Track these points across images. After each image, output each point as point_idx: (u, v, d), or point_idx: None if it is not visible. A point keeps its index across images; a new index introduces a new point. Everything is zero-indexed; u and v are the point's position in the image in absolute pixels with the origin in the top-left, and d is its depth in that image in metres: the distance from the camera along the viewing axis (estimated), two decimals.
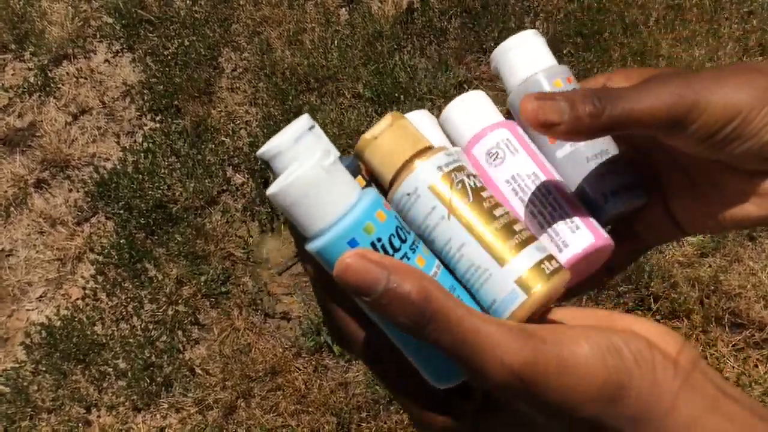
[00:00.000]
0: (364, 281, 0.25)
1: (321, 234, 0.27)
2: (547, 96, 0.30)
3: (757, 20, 1.86)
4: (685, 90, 0.30)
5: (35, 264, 1.75)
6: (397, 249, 0.28)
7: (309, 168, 0.27)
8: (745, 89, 0.30)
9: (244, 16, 1.99)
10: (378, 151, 0.31)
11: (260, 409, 1.55)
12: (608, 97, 0.30)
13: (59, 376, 1.61)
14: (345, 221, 0.27)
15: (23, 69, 2.00)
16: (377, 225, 0.27)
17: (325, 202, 0.27)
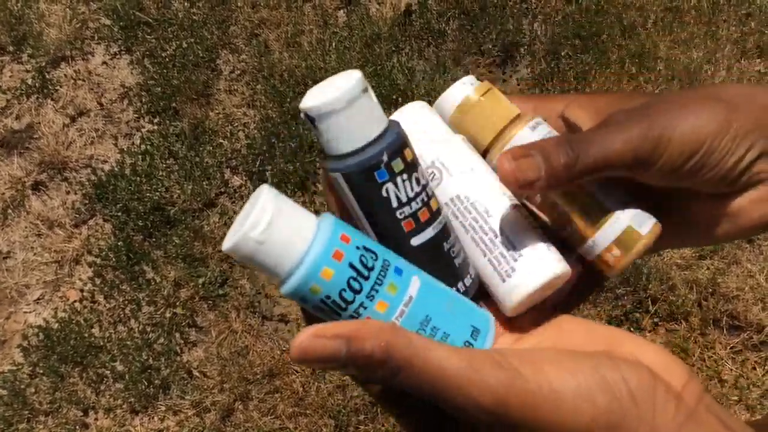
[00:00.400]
0: (324, 358, 0.26)
1: (280, 286, 0.28)
2: (522, 152, 0.30)
3: (755, 22, 1.86)
4: (649, 129, 0.30)
5: (33, 266, 1.75)
6: (351, 301, 0.27)
7: (240, 239, 0.26)
8: (707, 119, 0.30)
9: (242, 18, 1.99)
10: (477, 117, 0.34)
11: (258, 411, 1.54)
12: (579, 143, 0.30)
13: (56, 379, 1.60)
14: (289, 285, 0.27)
15: (21, 71, 2.00)
16: (323, 285, 0.27)
17: (269, 263, 0.27)
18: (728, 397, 1.47)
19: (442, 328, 0.30)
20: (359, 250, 0.28)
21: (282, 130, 1.81)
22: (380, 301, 0.28)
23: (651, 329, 1.55)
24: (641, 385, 0.27)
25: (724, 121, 0.30)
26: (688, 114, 0.30)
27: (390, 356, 0.25)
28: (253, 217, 0.26)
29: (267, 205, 0.27)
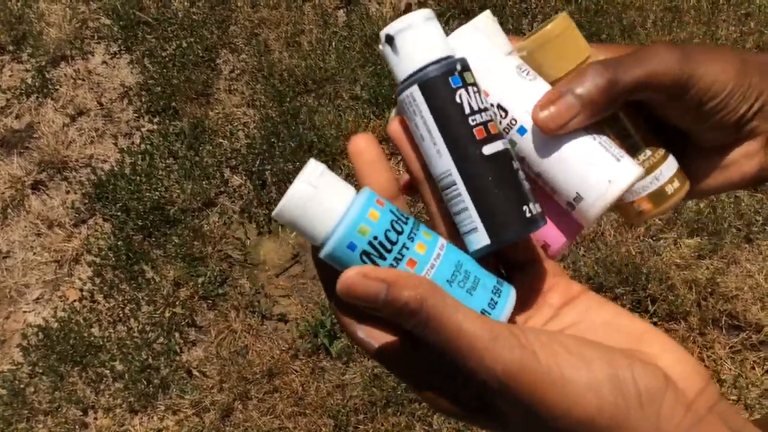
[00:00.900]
0: (366, 297, 0.28)
1: (324, 243, 0.30)
2: (552, 98, 0.33)
3: (755, 22, 1.86)
4: (686, 60, 0.33)
5: (32, 266, 1.75)
6: (395, 242, 0.30)
7: (297, 186, 0.30)
8: (730, 65, 0.34)
9: (242, 18, 1.99)
10: (552, 50, 0.35)
11: (257, 411, 1.55)
12: (617, 65, 0.33)
13: (56, 378, 1.60)
14: (340, 229, 0.30)
15: (21, 70, 2.00)
16: (371, 225, 0.30)
17: (319, 215, 0.30)
18: (727, 396, 1.47)
19: (473, 272, 0.32)
20: (393, 207, 0.32)
21: (282, 129, 1.81)
22: (419, 243, 0.31)
23: None
24: (651, 387, 0.27)
25: (742, 69, 0.34)
26: (717, 58, 0.34)
27: (422, 308, 0.27)
28: (307, 170, 0.30)
29: (317, 164, 0.30)
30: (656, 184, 0.37)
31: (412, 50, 0.32)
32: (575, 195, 0.34)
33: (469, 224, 0.32)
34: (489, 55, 0.35)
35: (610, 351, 0.28)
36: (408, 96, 0.32)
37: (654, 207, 0.37)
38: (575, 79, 0.33)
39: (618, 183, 0.33)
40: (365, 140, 0.33)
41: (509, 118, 0.34)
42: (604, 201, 0.33)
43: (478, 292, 0.31)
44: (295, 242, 1.71)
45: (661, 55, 0.33)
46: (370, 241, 0.30)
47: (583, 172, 0.33)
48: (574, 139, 0.34)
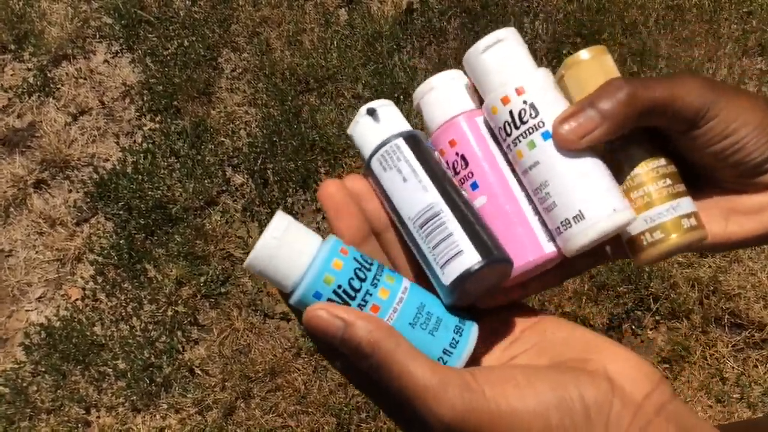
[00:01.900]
0: (325, 333, 0.29)
1: (292, 292, 0.32)
2: (573, 112, 0.33)
3: (757, 20, 1.86)
4: (710, 90, 0.33)
5: (35, 264, 1.75)
6: (358, 289, 0.32)
7: (263, 240, 0.32)
8: (756, 108, 0.34)
9: (244, 17, 1.99)
10: (577, 75, 0.36)
11: (260, 409, 1.55)
12: (641, 83, 0.33)
13: (58, 377, 1.61)
14: (306, 280, 0.32)
15: (22, 69, 2.00)
16: (335, 274, 0.32)
17: (286, 266, 0.32)
18: (730, 395, 1.47)
19: (435, 313, 0.33)
20: (357, 251, 0.33)
21: (283, 128, 1.81)
22: (382, 288, 0.32)
23: (652, 327, 1.55)
24: (598, 398, 0.29)
25: (766, 117, 0.34)
26: (743, 95, 0.34)
27: (374, 352, 0.29)
28: (273, 224, 0.32)
29: (284, 217, 0.33)
30: (672, 214, 0.35)
31: (393, 119, 0.37)
32: (576, 212, 0.33)
33: (453, 249, 0.33)
34: (529, 62, 0.37)
35: (557, 373, 0.30)
36: (392, 146, 0.35)
37: (662, 240, 0.35)
38: (596, 93, 0.33)
39: (620, 216, 0.33)
40: (335, 185, 0.34)
41: (538, 119, 0.34)
42: (602, 228, 0.33)
43: (440, 332, 0.33)
44: None
45: (685, 81, 0.33)
46: (334, 290, 0.32)
47: (594, 192, 0.33)
48: (593, 156, 0.34)
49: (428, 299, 0.34)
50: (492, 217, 0.35)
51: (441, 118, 0.38)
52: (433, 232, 0.33)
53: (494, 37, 0.36)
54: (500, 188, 0.36)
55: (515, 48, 0.36)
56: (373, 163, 0.35)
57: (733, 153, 0.34)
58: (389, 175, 0.35)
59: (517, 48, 0.36)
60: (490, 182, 0.36)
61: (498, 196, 0.35)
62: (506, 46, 0.36)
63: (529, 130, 0.34)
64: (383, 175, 0.35)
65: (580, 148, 0.33)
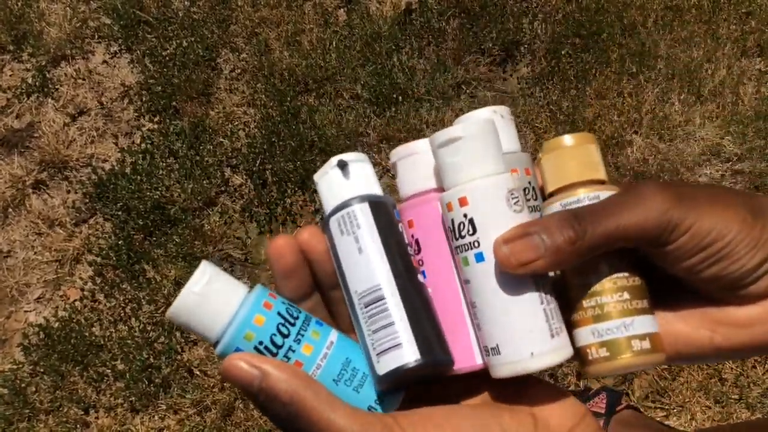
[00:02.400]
0: (242, 381, 0.29)
1: (216, 344, 0.32)
2: (518, 234, 0.30)
3: (756, 21, 1.86)
4: (676, 206, 0.30)
5: (33, 265, 1.75)
6: (280, 346, 0.32)
7: (184, 294, 0.31)
8: (731, 218, 0.30)
9: (243, 17, 1.99)
10: (555, 162, 0.35)
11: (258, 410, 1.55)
12: (590, 215, 0.30)
13: (57, 378, 1.60)
14: (226, 336, 0.32)
15: (21, 70, 2.00)
16: (255, 331, 0.31)
17: (207, 320, 0.32)
18: (728, 395, 1.47)
19: (361, 369, 0.33)
20: (284, 304, 0.33)
21: (282, 129, 1.81)
22: (306, 344, 0.32)
23: None
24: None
25: (747, 224, 0.30)
26: (715, 209, 0.30)
27: (293, 401, 0.29)
28: (194, 277, 0.32)
29: (206, 269, 0.32)
30: (622, 332, 0.32)
31: (363, 178, 0.35)
32: (494, 345, 0.31)
33: (392, 341, 0.31)
34: (490, 161, 0.33)
35: (478, 410, 0.30)
36: (354, 211, 0.33)
37: (608, 359, 0.32)
38: (546, 222, 0.31)
39: (538, 361, 0.31)
40: (287, 245, 0.34)
41: (474, 238, 0.31)
42: (514, 370, 0.31)
43: (365, 389, 0.33)
44: None
45: (645, 201, 0.30)
46: (255, 346, 0.31)
47: (514, 331, 0.31)
48: (522, 292, 0.31)
49: (355, 354, 0.33)
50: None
51: (408, 189, 0.36)
52: (375, 315, 0.32)
53: (453, 134, 0.32)
54: (446, 285, 0.34)
55: (476, 145, 0.32)
56: (332, 223, 0.34)
57: (709, 266, 0.31)
58: (345, 241, 0.33)
59: (479, 145, 0.32)
60: (437, 276, 0.34)
61: (443, 292, 0.34)
62: (465, 144, 0.32)
63: (465, 246, 0.32)
64: (339, 238, 0.33)
65: (518, 274, 0.31)
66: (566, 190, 0.34)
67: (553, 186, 0.35)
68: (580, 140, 0.34)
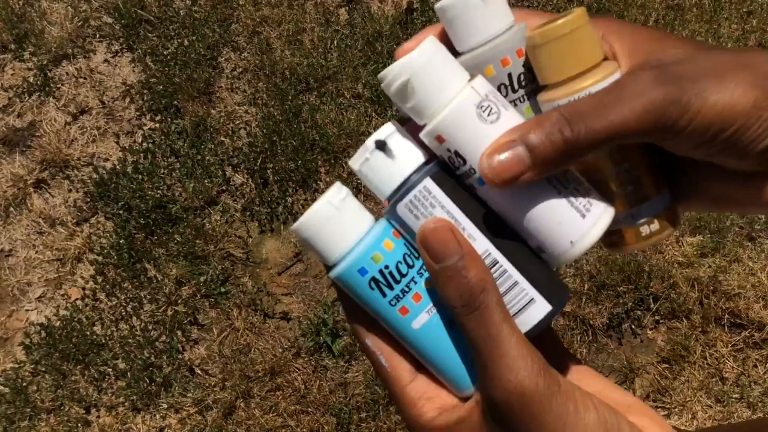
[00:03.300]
0: (440, 249, 0.28)
1: (335, 264, 0.31)
2: (498, 148, 0.28)
3: (757, 20, 1.86)
4: (677, 93, 0.27)
5: (34, 264, 1.75)
6: (404, 274, 0.31)
7: (319, 204, 0.30)
8: (742, 94, 0.27)
9: (244, 16, 1.99)
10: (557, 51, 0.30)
11: (260, 409, 1.55)
12: (580, 115, 0.28)
13: (58, 377, 1.61)
14: (354, 253, 0.30)
15: (23, 69, 2.00)
16: (384, 254, 0.30)
17: (336, 236, 0.31)
18: (729, 394, 1.47)
19: None
20: (407, 243, 0.32)
21: (284, 128, 1.81)
22: (427, 280, 0.31)
23: (652, 327, 1.55)
24: None
25: (761, 98, 0.27)
26: (724, 86, 0.27)
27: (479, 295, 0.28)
28: (331, 191, 0.31)
29: (342, 188, 0.31)
30: (630, 222, 0.32)
31: (407, 149, 0.31)
32: (537, 246, 0.31)
33: (524, 298, 0.30)
34: (440, 94, 0.30)
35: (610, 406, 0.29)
36: (421, 191, 0.31)
37: (628, 243, 0.33)
38: (529, 125, 0.28)
39: (580, 245, 0.30)
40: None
41: (468, 167, 0.30)
42: (564, 259, 0.31)
43: None
44: (297, 240, 1.72)
45: (643, 92, 0.27)
46: (380, 269, 0.30)
47: (545, 230, 0.30)
48: (536, 192, 0.30)
49: None
50: None
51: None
52: (497, 281, 0.30)
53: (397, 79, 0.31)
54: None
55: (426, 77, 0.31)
56: (401, 210, 0.31)
57: (727, 148, 0.28)
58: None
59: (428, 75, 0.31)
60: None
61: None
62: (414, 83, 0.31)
63: (465, 175, 0.31)
64: (415, 223, 0.31)
65: (507, 189, 0.29)
66: (569, 82, 0.31)
67: (551, 79, 0.31)
68: (574, 23, 0.30)
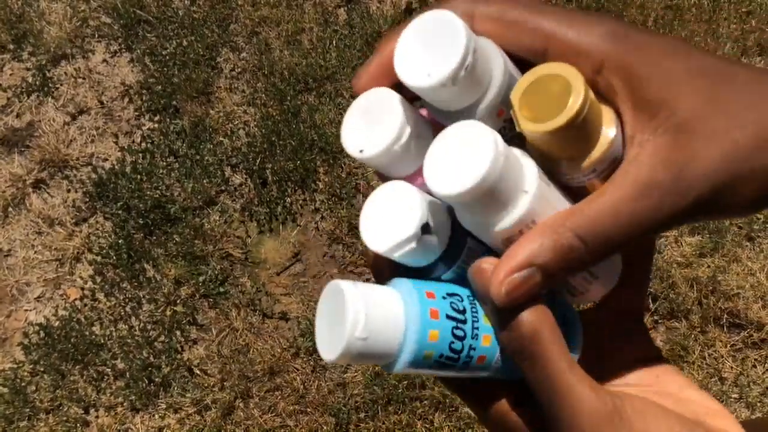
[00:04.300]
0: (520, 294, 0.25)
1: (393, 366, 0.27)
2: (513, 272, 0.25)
3: (756, 20, 1.86)
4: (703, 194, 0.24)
5: (33, 264, 1.75)
6: (460, 351, 0.28)
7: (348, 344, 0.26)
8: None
9: (243, 16, 1.99)
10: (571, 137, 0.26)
11: (258, 409, 1.55)
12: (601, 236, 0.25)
13: (57, 377, 1.61)
14: (403, 363, 0.27)
15: (21, 69, 2.00)
16: (433, 348, 0.27)
17: (378, 356, 0.27)
18: (728, 394, 1.47)
19: None
20: (446, 299, 0.28)
21: (282, 128, 1.81)
22: (484, 335, 0.28)
23: (651, 327, 1.55)
24: None
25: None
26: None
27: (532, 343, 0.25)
28: (350, 318, 0.25)
29: (356, 301, 0.26)
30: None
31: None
32: None
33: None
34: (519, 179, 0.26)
35: (687, 420, 0.27)
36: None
37: None
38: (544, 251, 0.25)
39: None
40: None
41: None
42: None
43: None
44: (296, 240, 1.72)
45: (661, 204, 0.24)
46: (436, 360, 0.27)
47: None
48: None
49: None
50: None
51: None
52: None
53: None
54: None
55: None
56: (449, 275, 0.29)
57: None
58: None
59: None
60: None
61: None
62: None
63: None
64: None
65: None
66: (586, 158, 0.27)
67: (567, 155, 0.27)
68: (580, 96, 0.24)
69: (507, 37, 0.27)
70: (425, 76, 0.25)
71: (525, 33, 0.26)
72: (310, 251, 1.70)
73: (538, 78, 0.26)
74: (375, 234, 0.27)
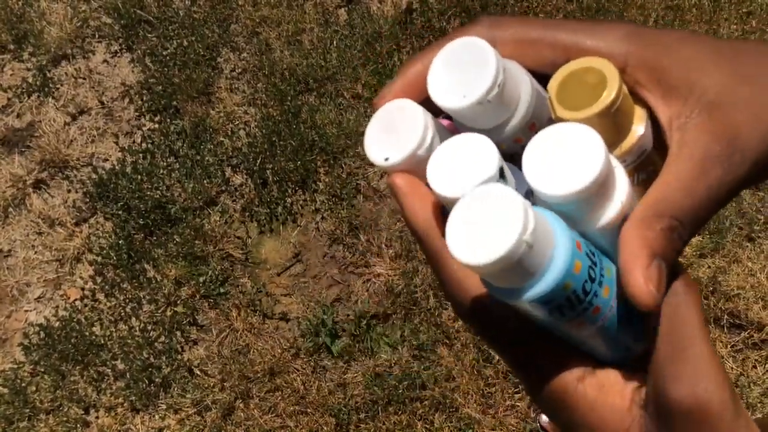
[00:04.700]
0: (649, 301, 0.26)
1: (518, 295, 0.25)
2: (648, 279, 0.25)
3: (756, 21, 1.86)
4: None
5: (34, 264, 1.75)
6: (588, 292, 0.26)
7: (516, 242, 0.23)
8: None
9: (243, 17, 1.99)
10: (610, 123, 0.26)
11: (259, 409, 1.55)
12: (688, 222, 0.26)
13: (57, 377, 1.61)
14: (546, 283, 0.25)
15: (22, 69, 2.00)
16: (573, 279, 0.25)
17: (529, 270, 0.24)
18: None
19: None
20: (588, 249, 0.26)
21: (283, 128, 1.81)
22: (606, 286, 0.27)
23: None
24: None
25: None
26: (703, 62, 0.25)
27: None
28: (520, 216, 0.23)
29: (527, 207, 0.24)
30: None
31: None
32: None
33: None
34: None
35: None
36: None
37: None
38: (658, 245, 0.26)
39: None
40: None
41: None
42: None
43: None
44: (296, 241, 1.71)
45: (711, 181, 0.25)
46: (568, 296, 0.25)
47: None
48: None
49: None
50: None
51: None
52: None
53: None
54: None
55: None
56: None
57: None
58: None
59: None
60: None
61: None
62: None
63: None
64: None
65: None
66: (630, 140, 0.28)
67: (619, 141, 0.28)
68: (614, 87, 0.26)
69: (529, 56, 0.28)
70: (461, 98, 0.26)
71: (545, 49, 0.28)
72: (311, 251, 1.70)
73: (574, 70, 0.27)
74: (446, 180, 0.26)
